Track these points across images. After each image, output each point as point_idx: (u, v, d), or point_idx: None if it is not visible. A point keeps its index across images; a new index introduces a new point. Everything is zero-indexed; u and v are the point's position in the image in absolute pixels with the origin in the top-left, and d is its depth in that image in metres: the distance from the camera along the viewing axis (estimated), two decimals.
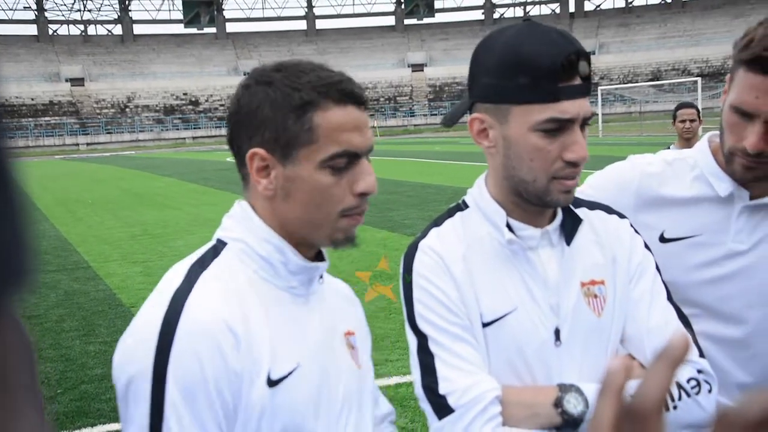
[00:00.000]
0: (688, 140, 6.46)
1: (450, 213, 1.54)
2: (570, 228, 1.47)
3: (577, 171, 1.38)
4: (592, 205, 1.56)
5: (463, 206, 1.53)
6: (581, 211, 1.52)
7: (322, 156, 1.22)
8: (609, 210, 1.57)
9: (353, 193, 1.25)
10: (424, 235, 1.51)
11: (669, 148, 6.47)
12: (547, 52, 1.31)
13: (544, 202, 1.41)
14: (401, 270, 1.50)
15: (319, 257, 1.35)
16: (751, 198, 1.68)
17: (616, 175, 1.79)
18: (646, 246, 1.55)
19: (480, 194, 1.50)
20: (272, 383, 1.22)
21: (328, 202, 1.24)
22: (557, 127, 1.34)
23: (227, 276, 1.25)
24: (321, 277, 1.36)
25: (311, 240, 1.29)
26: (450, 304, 1.42)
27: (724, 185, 1.69)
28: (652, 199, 1.72)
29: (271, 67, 1.27)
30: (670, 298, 1.52)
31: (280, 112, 1.22)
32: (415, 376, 1.45)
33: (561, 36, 1.34)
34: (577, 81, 1.34)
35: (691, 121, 6.53)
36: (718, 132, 1.73)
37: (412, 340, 1.45)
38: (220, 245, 1.30)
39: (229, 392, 1.17)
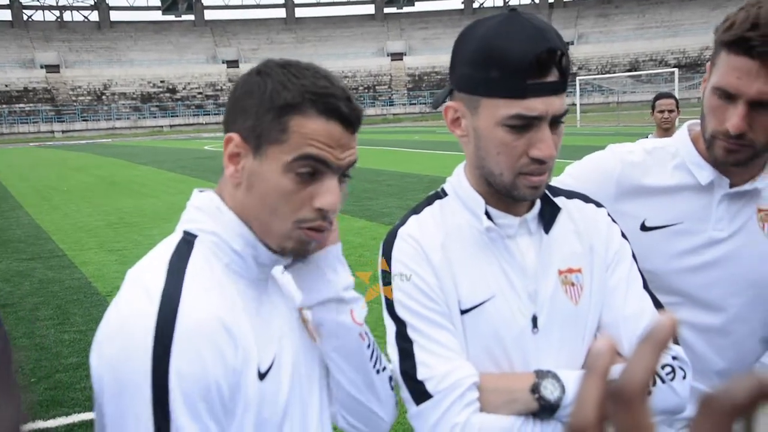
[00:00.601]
0: (666, 130, 6.50)
1: (429, 201, 1.54)
2: (549, 217, 1.48)
3: (544, 168, 1.37)
4: (570, 194, 1.56)
5: (442, 194, 1.53)
6: (559, 200, 1.52)
7: (287, 158, 1.19)
8: (586, 199, 1.57)
9: (312, 206, 1.22)
10: (402, 222, 1.51)
11: (647, 138, 6.51)
12: (518, 47, 1.30)
13: (512, 196, 1.41)
14: (379, 256, 1.50)
15: None
16: (731, 186, 1.69)
17: (596, 164, 1.78)
18: (623, 235, 1.56)
19: (459, 182, 1.50)
20: (262, 376, 1.22)
21: (284, 207, 1.22)
22: (524, 124, 1.33)
23: (208, 271, 1.22)
24: (286, 267, 1.36)
25: (263, 239, 1.27)
26: (429, 290, 1.42)
27: (704, 173, 1.69)
28: (633, 187, 1.72)
29: (278, 62, 1.25)
30: (646, 286, 1.52)
31: (263, 105, 1.21)
32: (393, 361, 1.45)
33: (538, 31, 1.32)
34: (551, 78, 1.33)
35: (670, 111, 6.57)
36: (697, 121, 1.73)
37: (391, 327, 1.45)
38: (190, 238, 1.26)
39: (228, 390, 1.16)
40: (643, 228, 1.73)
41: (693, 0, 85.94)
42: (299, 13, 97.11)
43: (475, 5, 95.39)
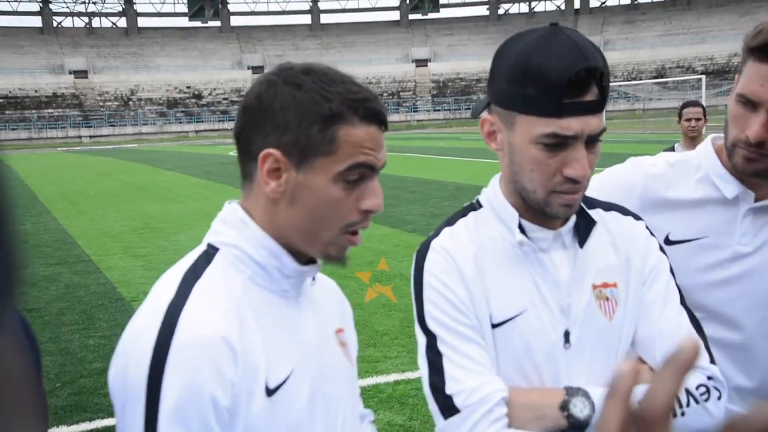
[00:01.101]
0: (693, 139, 6.42)
1: (464, 212, 1.53)
2: (584, 230, 1.46)
3: (578, 187, 1.36)
4: (607, 206, 1.54)
5: (477, 206, 1.53)
6: (595, 213, 1.50)
7: (339, 168, 1.20)
8: (624, 211, 1.55)
9: (359, 209, 1.23)
10: (437, 234, 1.50)
11: (673, 146, 6.43)
12: (556, 65, 1.29)
13: (544, 212, 1.40)
14: (413, 268, 1.49)
15: (311, 260, 1.33)
16: (756, 200, 1.66)
17: (619, 178, 1.76)
18: (661, 248, 1.53)
19: (494, 194, 1.49)
20: (270, 392, 1.20)
21: (334, 215, 1.22)
22: (559, 143, 1.32)
23: (221, 285, 1.22)
24: (313, 278, 1.34)
25: (303, 249, 1.26)
26: (459, 304, 1.42)
27: (730, 187, 1.67)
28: (657, 201, 1.70)
29: (299, 69, 1.23)
30: (683, 302, 1.50)
31: (306, 118, 1.19)
32: (423, 374, 1.44)
33: (578, 48, 1.30)
34: (589, 97, 1.31)
35: (697, 119, 6.49)
36: (722, 135, 1.71)
37: (421, 339, 1.44)
38: (212, 251, 1.27)
39: (226, 407, 1.15)
40: (667, 242, 1.70)
41: (721, 6, 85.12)
42: (324, 19, 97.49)
43: (501, 12, 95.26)
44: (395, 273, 8.03)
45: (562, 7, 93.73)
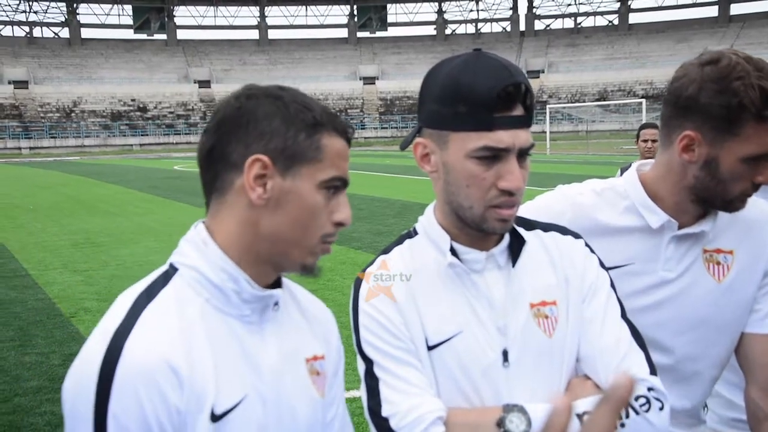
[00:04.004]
0: (649, 159, 6.63)
1: (400, 240, 1.56)
2: (516, 250, 1.49)
3: (513, 200, 1.40)
4: (547, 227, 1.58)
5: (413, 233, 1.56)
6: (535, 233, 1.54)
7: (323, 176, 1.24)
8: (564, 231, 1.59)
9: (332, 221, 1.27)
10: (371, 262, 1.53)
11: (630, 164, 6.60)
12: (484, 82, 1.35)
13: (481, 229, 1.43)
14: (351, 296, 1.51)
15: (275, 284, 1.33)
16: (679, 227, 1.72)
17: (547, 205, 1.80)
18: (602, 265, 1.57)
19: (428, 221, 1.53)
20: (216, 418, 1.19)
21: (314, 224, 1.25)
22: (492, 155, 1.36)
23: (173, 308, 1.21)
24: (276, 304, 1.32)
25: (281, 260, 1.27)
26: (393, 328, 1.44)
27: (655, 217, 1.72)
28: (585, 229, 1.73)
29: (273, 87, 1.28)
30: (624, 315, 1.53)
31: (292, 126, 1.23)
32: (363, 399, 1.45)
33: (503, 68, 1.37)
34: (516, 112, 1.37)
35: (653, 141, 6.70)
36: (646, 161, 1.79)
37: (361, 366, 1.46)
38: (172, 271, 1.27)
39: (172, 429, 1.15)
40: None
41: (660, 32, 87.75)
42: (272, 35, 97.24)
43: (447, 32, 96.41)
44: (338, 291, 8.02)
45: (508, 29, 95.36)
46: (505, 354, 1.44)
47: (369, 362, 1.44)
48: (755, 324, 1.76)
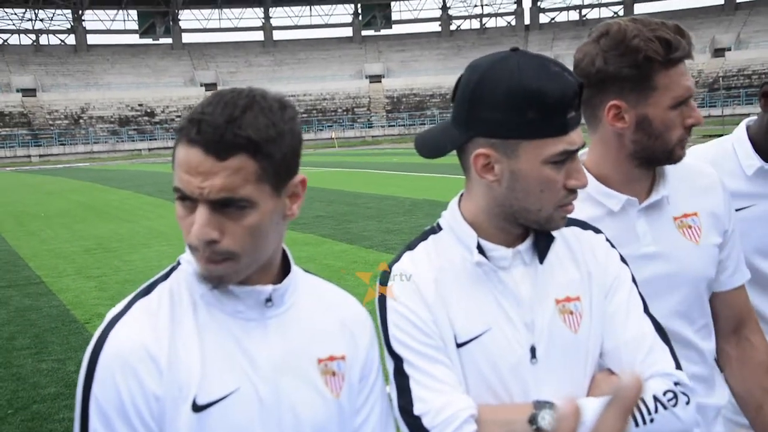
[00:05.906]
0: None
1: (424, 236, 1.56)
2: (543, 246, 1.49)
3: (576, 197, 1.43)
4: (567, 222, 1.57)
5: (437, 229, 1.55)
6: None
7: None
8: (584, 225, 1.60)
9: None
10: (397, 258, 1.53)
11: None
12: (554, 87, 1.35)
13: (544, 228, 1.45)
14: (376, 293, 1.52)
15: (276, 281, 1.33)
16: (640, 202, 1.76)
17: None
18: (623, 259, 1.58)
19: (453, 217, 1.52)
20: (198, 408, 1.23)
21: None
22: (565, 158, 1.39)
23: (165, 301, 1.28)
24: (269, 300, 1.31)
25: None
26: (423, 326, 1.44)
27: (614, 200, 1.75)
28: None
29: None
30: (647, 310, 1.54)
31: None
32: (393, 398, 1.45)
33: (561, 68, 1.38)
34: (576, 111, 1.39)
35: None
36: (587, 151, 1.82)
37: (390, 364, 1.46)
38: (175, 267, 1.34)
39: (150, 416, 1.21)
40: None
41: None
42: (277, 35, 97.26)
43: (452, 28, 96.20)
44: (349, 290, 8.00)
45: (513, 23, 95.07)
46: (533, 350, 1.45)
47: (399, 360, 1.44)
48: (726, 282, 1.85)
